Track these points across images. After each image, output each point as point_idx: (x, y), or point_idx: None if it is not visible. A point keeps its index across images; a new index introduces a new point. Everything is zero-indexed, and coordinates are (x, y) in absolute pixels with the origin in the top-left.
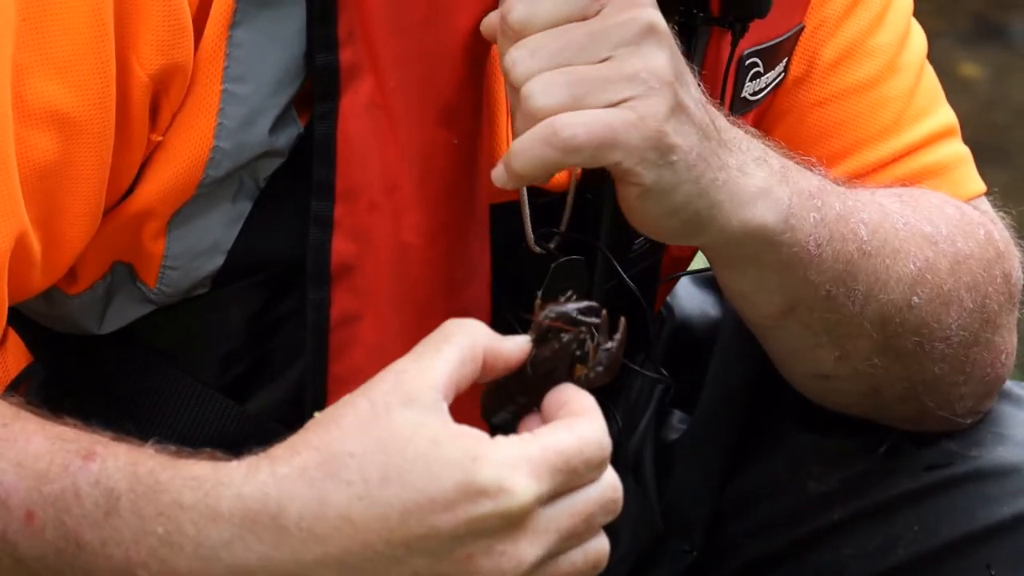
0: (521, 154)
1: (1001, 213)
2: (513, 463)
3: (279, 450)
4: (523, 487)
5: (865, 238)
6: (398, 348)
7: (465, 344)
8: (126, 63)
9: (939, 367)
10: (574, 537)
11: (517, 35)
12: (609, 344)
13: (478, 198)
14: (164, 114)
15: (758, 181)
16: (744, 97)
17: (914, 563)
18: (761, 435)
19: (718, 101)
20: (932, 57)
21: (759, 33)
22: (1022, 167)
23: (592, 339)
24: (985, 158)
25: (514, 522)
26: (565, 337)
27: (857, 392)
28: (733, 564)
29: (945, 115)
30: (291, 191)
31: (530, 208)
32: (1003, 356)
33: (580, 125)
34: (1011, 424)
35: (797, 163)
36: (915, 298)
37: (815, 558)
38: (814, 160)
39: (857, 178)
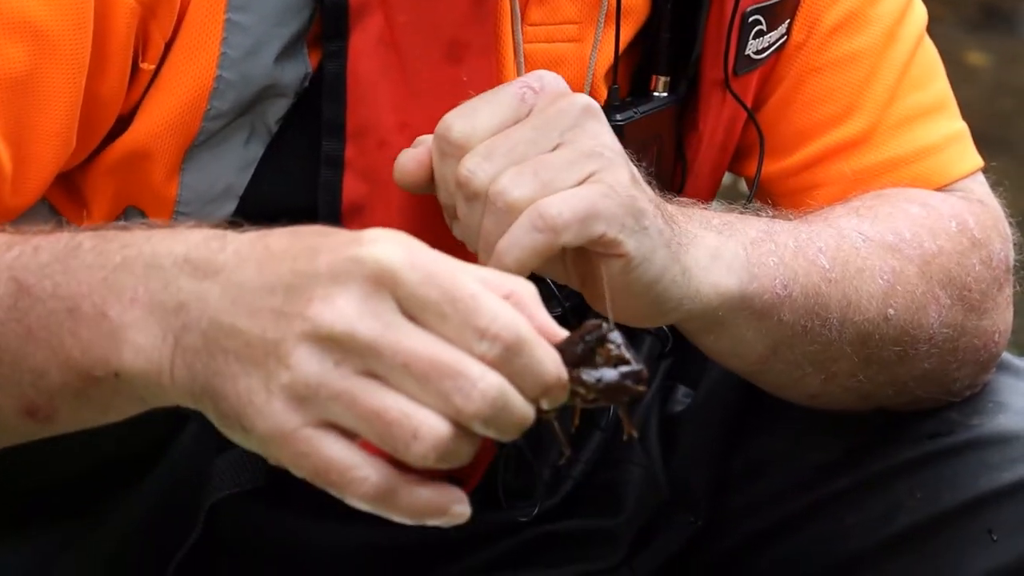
0: (512, 248)
1: (998, 192)
2: (403, 238)
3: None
4: (386, 248)
5: (827, 266)
6: None
7: (498, 272)
8: None
9: (928, 363)
10: (409, 373)
11: (461, 150)
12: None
13: None
14: (155, 41)
15: (711, 242)
16: (748, 55)
17: (916, 530)
18: (764, 407)
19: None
20: (937, 44)
21: None
22: None
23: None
24: (989, 146)
25: (364, 276)
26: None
27: (848, 401)
28: (737, 534)
29: (941, 88)
30: (302, 135)
31: None
32: (995, 336)
33: (561, 203)
34: (1011, 393)
35: (739, 214)
36: (890, 310)
37: (818, 527)
38: (759, 205)
39: (849, 149)
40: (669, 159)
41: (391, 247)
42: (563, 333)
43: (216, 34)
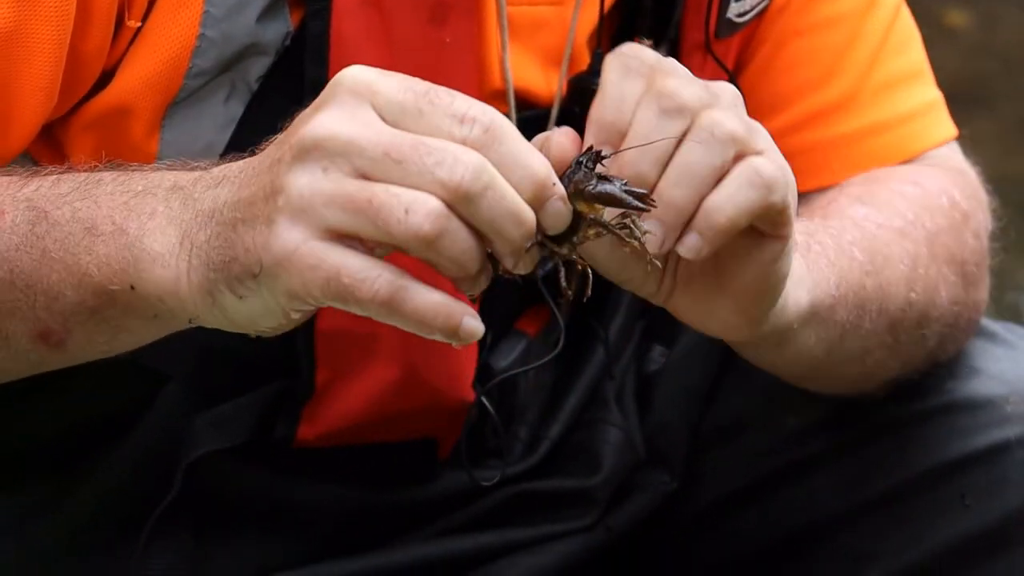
0: (726, 205)
1: (974, 164)
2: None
3: None
4: (361, 68)
5: (862, 259)
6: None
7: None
8: None
9: (935, 341)
10: (391, 159)
11: (650, 69)
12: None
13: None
14: (139, 0)
15: None
16: (730, 19)
17: (889, 494)
18: (739, 368)
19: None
20: (917, 5)
21: None
22: (1007, 116)
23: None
24: (970, 107)
25: (342, 91)
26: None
27: (867, 387)
28: (712, 494)
29: (918, 56)
30: (283, 93)
31: (518, 120)
32: (982, 305)
33: (770, 163)
34: (985, 358)
35: None
36: (912, 294)
37: (792, 489)
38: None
39: (829, 114)
40: None
41: (366, 68)
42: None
43: None
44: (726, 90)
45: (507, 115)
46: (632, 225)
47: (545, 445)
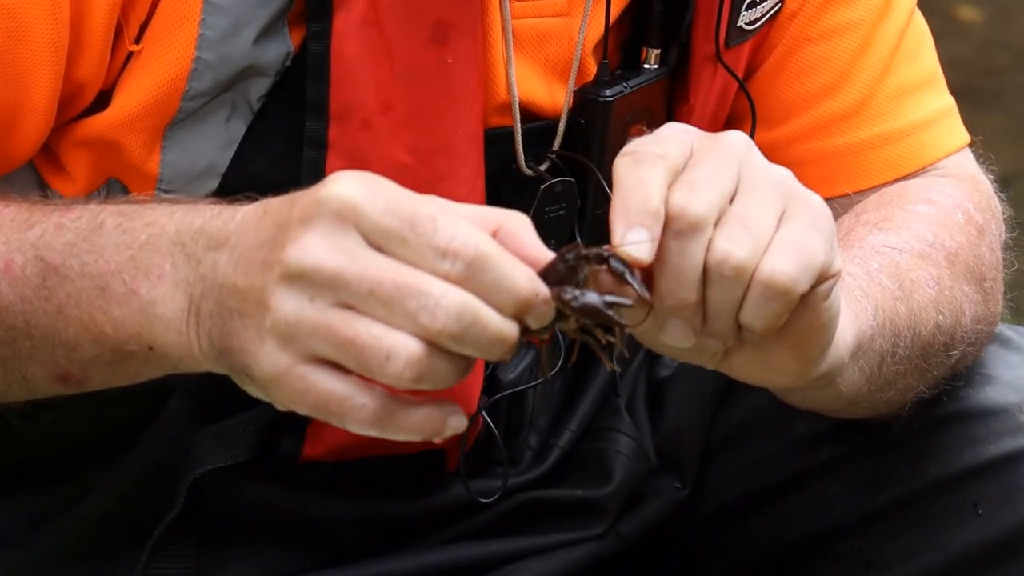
0: (755, 322)
1: (986, 160)
2: (364, 175)
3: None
4: (347, 185)
5: (891, 286)
6: None
7: (487, 208)
8: None
9: (957, 360)
10: (375, 298)
11: (663, 160)
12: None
13: (472, 119)
14: (132, 24)
15: None
16: (740, 26)
17: (901, 502)
18: None
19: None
20: (930, 0)
21: None
22: (1019, 110)
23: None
24: (982, 102)
25: (328, 213)
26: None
27: (892, 410)
28: (723, 500)
29: (931, 62)
30: (284, 114)
31: (523, 132)
32: (998, 318)
33: (783, 262)
34: (999, 365)
35: None
36: (940, 317)
37: (803, 496)
38: None
39: (841, 122)
40: None
41: (352, 184)
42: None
43: (194, 15)
44: (735, 149)
45: (512, 128)
46: (616, 315)
47: (555, 453)
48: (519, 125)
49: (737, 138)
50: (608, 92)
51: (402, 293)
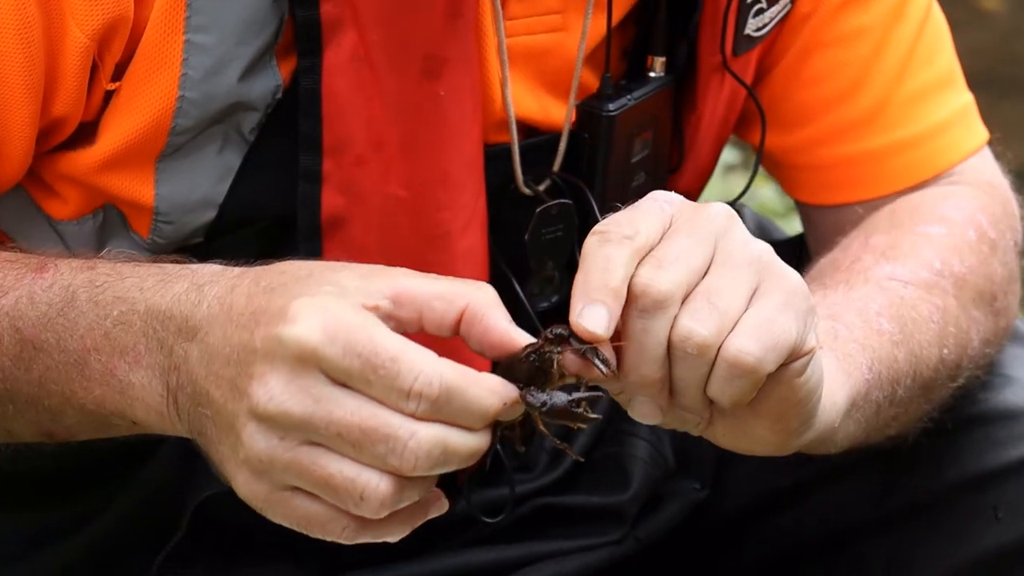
0: (722, 397)
1: (1003, 151)
2: (322, 310)
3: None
4: (305, 326)
5: (890, 329)
6: None
7: (449, 283)
8: (61, 24)
9: (964, 381)
10: (344, 440)
11: (630, 242)
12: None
13: (469, 147)
14: (107, 64)
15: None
16: (748, 35)
17: (919, 504)
18: None
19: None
20: None
21: None
22: None
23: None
24: (1004, 90)
25: (289, 356)
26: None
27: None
28: (742, 501)
29: (948, 60)
30: (280, 145)
31: (526, 147)
32: (1010, 328)
33: (749, 341)
34: (1018, 366)
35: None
36: (944, 351)
37: (822, 497)
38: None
39: (856, 128)
40: (666, 141)
41: (311, 325)
42: (525, 340)
43: (176, 55)
44: (713, 223)
45: (509, 146)
46: (584, 408)
47: (569, 458)
48: (516, 145)
49: (718, 211)
50: (611, 106)
51: (369, 437)
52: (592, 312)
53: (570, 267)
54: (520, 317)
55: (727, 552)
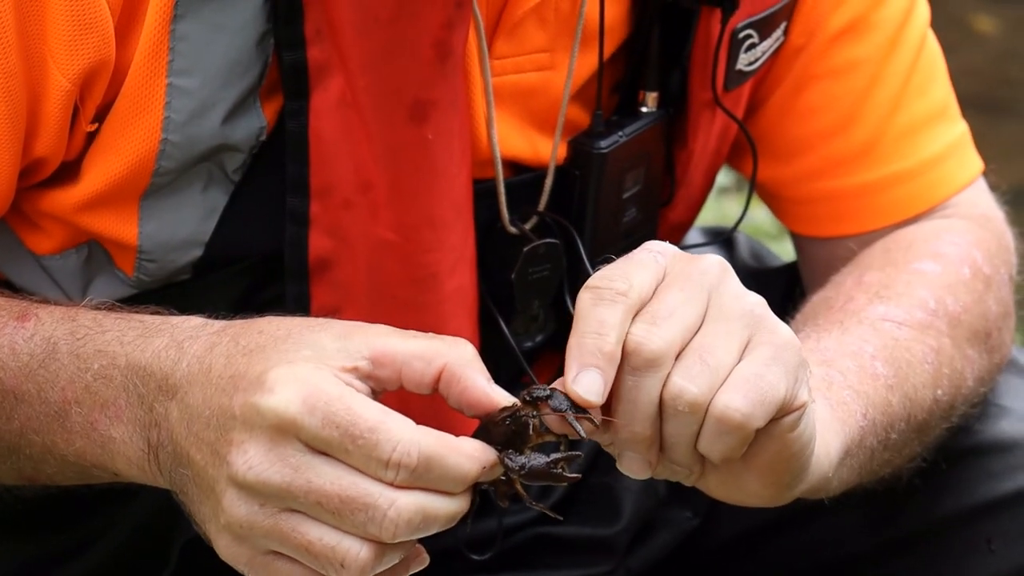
0: (712, 453)
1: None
2: (300, 381)
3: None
4: (284, 397)
5: (884, 372)
6: None
7: (428, 342)
8: (43, 69)
9: (958, 419)
10: (324, 509)
11: (623, 298)
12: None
13: (457, 189)
14: (88, 107)
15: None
16: (739, 70)
17: (914, 536)
18: None
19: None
20: (946, 10)
21: (754, 5)
22: None
23: (533, 431)
24: (997, 112)
25: (268, 426)
26: (516, 415)
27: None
28: (735, 530)
29: (942, 90)
30: (266, 185)
31: (514, 184)
32: (1005, 361)
33: (737, 398)
34: (1013, 396)
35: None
36: (938, 392)
37: (815, 527)
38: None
39: (851, 162)
40: (658, 175)
41: (288, 395)
42: (503, 399)
43: (158, 99)
44: (706, 277)
45: (494, 181)
46: (562, 468)
47: (560, 488)
48: (502, 185)
49: (711, 263)
50: (603, 143)
51: (349, 506)
52: (586, 378)
53: (556, 306)
54: (505, 356)
55: None
